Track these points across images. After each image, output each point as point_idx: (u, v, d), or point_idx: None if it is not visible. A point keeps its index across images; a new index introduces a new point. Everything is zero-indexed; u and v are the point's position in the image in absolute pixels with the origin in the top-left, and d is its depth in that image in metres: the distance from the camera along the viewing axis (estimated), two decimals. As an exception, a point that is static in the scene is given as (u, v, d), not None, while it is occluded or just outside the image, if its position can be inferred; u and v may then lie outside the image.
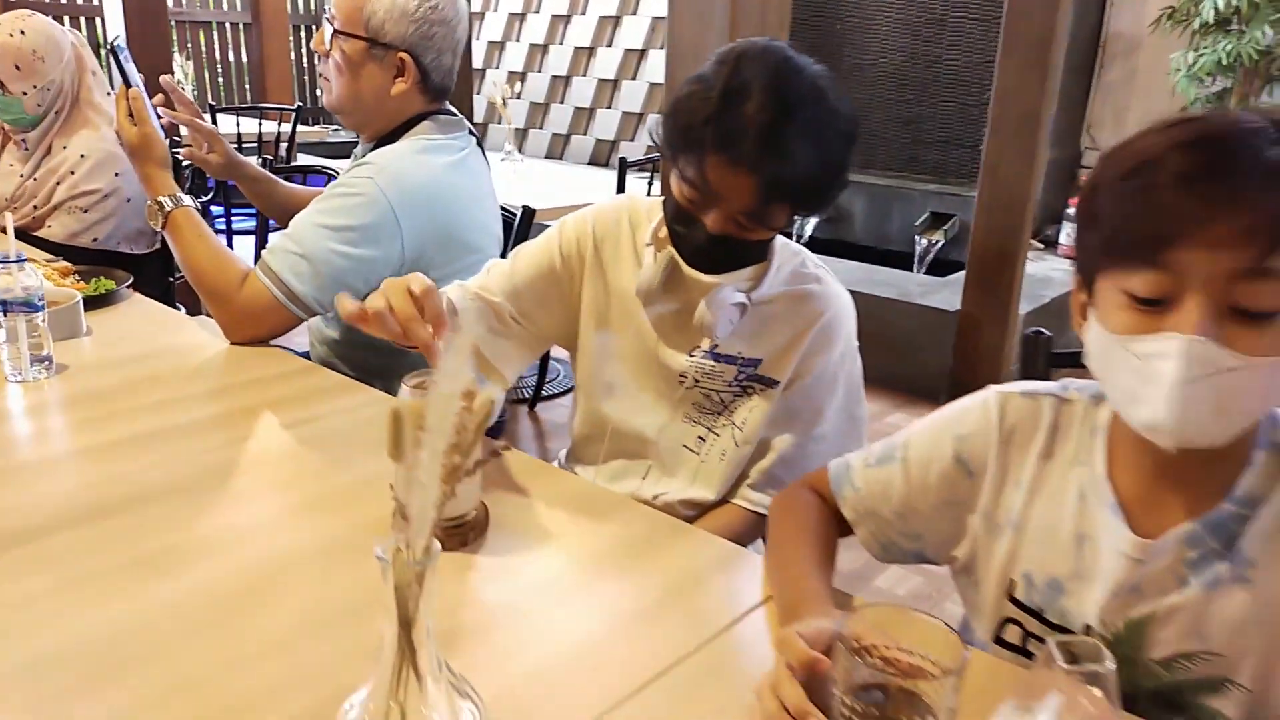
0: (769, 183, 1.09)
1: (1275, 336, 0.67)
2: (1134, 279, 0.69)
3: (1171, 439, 0.71)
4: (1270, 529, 0.75)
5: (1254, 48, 3.66)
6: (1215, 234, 0.65)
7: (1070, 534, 0.83)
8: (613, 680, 0.78)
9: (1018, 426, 0.87)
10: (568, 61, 6.32)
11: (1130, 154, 0.70)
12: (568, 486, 1.14)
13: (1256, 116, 0.68)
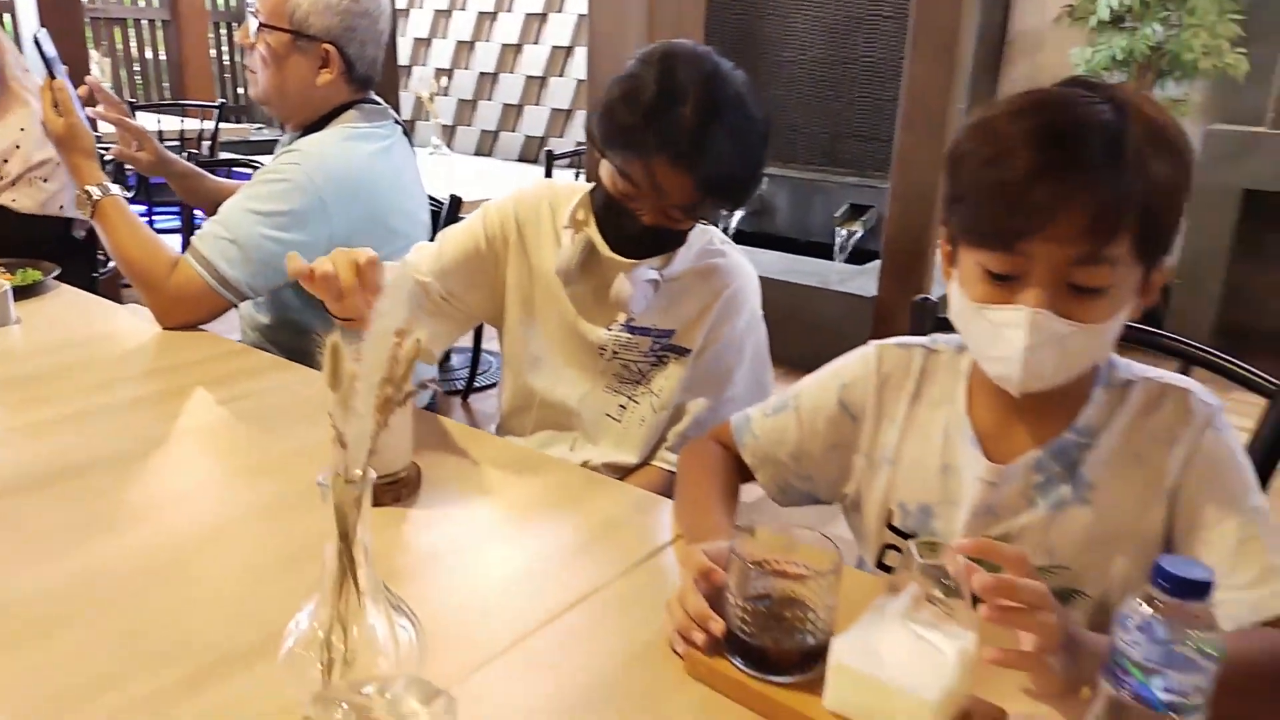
0: (704, 181, 1.19)
1: (1105, 306, 0.79)
2: (990, 259, 0.80)
3: (1018, 389, 0.83)
4: (1106, 456, 0.87)
5: (1146, 43, 3.89)
6: (1059, 229, 0.76)
7: (937, 465, 0.94)
8: (538, 606, 0.86)
9: (892, 373, 0.98)
10: (495, 58, 6.34)
11: (989, 137, 0.80)
12: (496, 449, 1.21)
13: (1100, 101, 0.78)
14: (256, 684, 0.73)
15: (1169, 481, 0.85)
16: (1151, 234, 0.78)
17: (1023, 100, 0.81)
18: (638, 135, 1.18)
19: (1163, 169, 0.76)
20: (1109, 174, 0.75)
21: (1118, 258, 0.77)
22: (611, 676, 0.77)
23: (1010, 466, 0.89)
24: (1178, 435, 0.85)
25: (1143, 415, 0.87)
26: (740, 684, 0.73)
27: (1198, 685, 0.60)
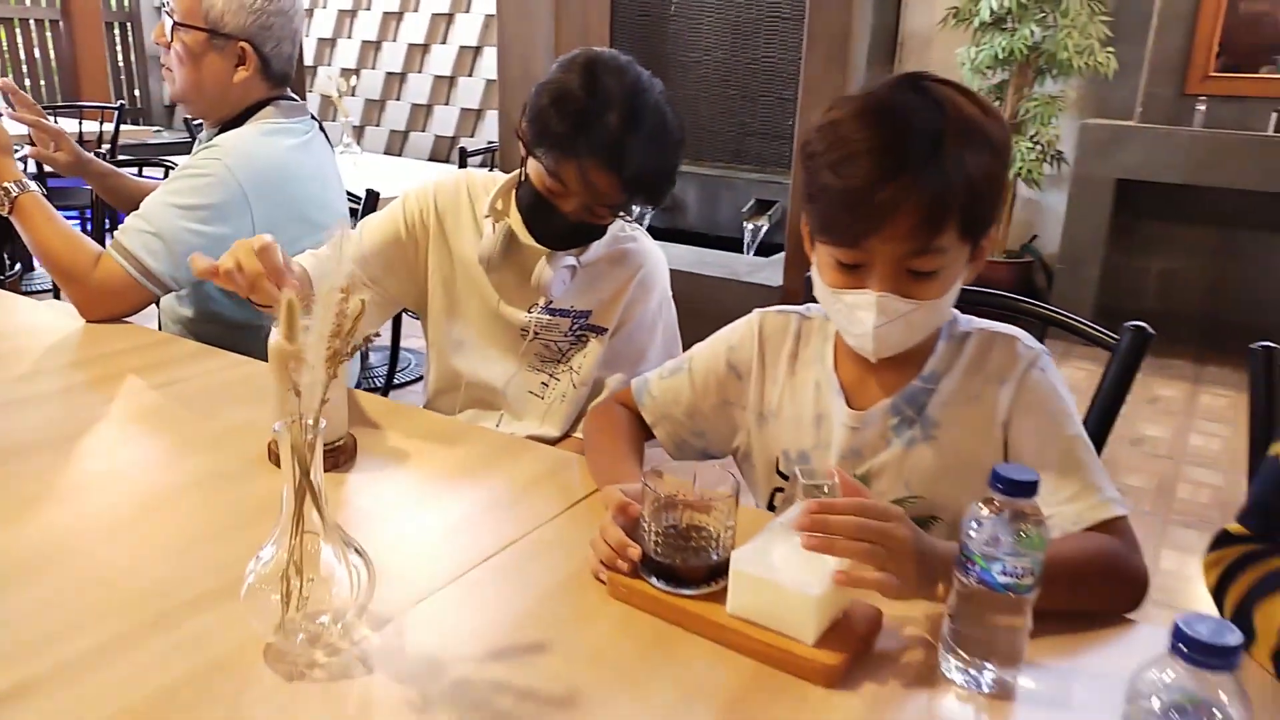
0: (628, 181, 1.30)
1: (938, 284, 0.93)
2: (839, 253, 0.93)
3: (874, 357, 0.97)
4: (948, 398, 1.01)
5: (1024, 44, 4.14)
6: (895, 229, 0.89)
7: (811, 415, 1.07)
8: (472, 549, 0.94)
9: (772, 337, 1.11)
10: (402, 58, 6.33)
11: (835, 142, 0.90)
12: (425, 421, 1.29)
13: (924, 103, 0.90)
14: (222, 620, 0.80)
15: (1000, 416, 0.98)
16: (974, 218, 0.91)
17: (862, 104, 0.91)
18: (569, 141, 1.28)
19: (979, 161, 0.89)
20: (932, 178, 0.87)
21: (946, 245, 0.90)
22: (542, 603, 0.87)
23: (869, 412, 1.02)
24: (1006, 376, 0.99)
25: (977, 361, 1.01)
26: (656, 599, 0.84)
27: (1029, 568, 0.73)
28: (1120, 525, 0.91)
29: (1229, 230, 4.33)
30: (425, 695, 0.73)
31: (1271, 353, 1.14)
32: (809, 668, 0.76)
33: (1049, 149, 4.28)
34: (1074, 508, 0.92)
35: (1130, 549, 0.89)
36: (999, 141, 0.91)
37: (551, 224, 1.37)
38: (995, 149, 0.91)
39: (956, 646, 0.76)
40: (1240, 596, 0.83)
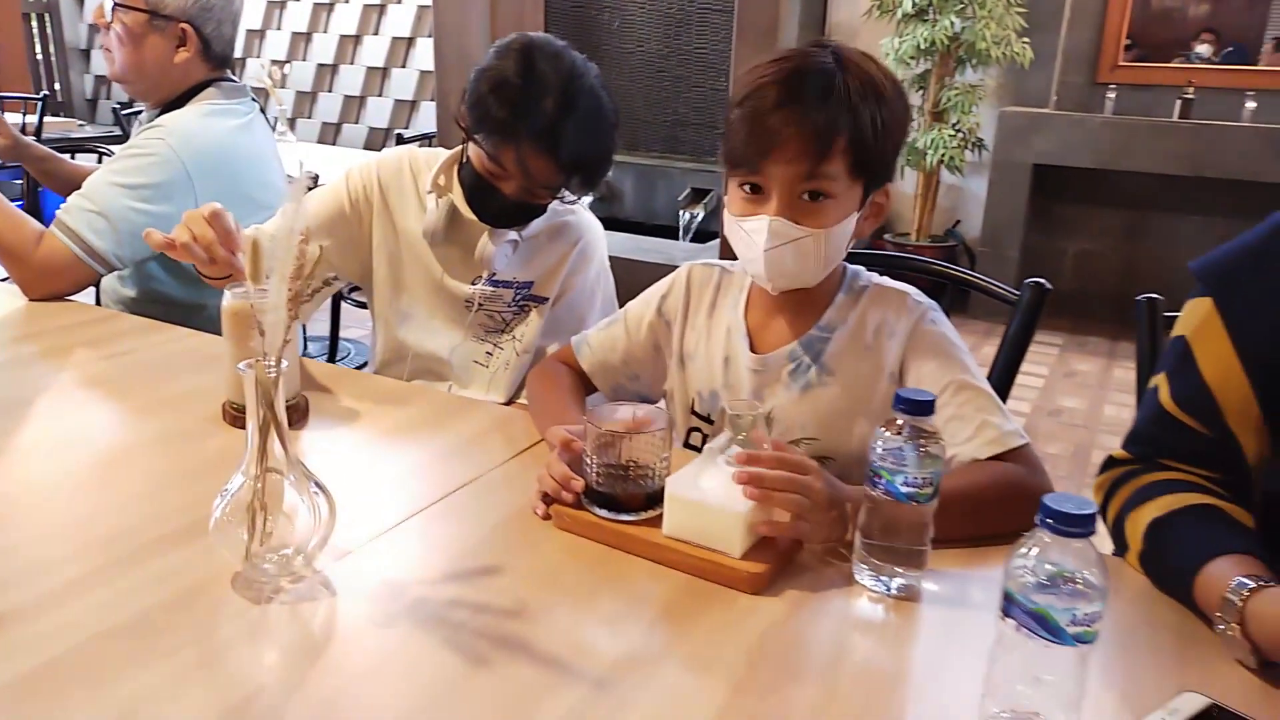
0: (565, 164, 1.37)
1: (828, 213, 1.01)
2: (743, 180, 1.02)
3: (769, 284, 1.06)
4: (842, 346, 1.10)
5: (945, 34, 4.30)
6: (787, 150, 0.98)
7: (721, 358, 1.16)
8: (425, 492, 1.01)
9: (696, 287, 1.20)
10: (333, 50, 6.28)
11: (746, 82, 1.01)
12: (373, 384, 1.35)
13: (827, 55, 1.00)
14: (190, 556, 0.85)
15: (891, 366, 1.08)
16: (862, 159, 1.00)
17: (776, 54, 1.03)
18: (507, 126, 1.33)
19: (869, 109, 0.98)
20: (821, 110, 0.97)
21: (835, 174, 0.99)
22: (492, 535, 0.94)
23: (769, 356, 1.12)
24: (897, 328, 1.08)
25: (871, 312, 1.10)
26: (598, 526, 0.91)
27: (928, 479, 0.82)
28: (1020, 453, 0.99)
29: (1139, 212, 4.56)
30: (387, 612, 0.80)
31: (1154, 303, 1.26)
32: (736, 576, 0.84)
33: (970, 136, 4.45)
34: (973, 445, 1.00)
35: (1031, 471, 0.98)
36: (891, 101, 1.01)
37: (492, 204, 1.44)
38: (887, 106, 1.00)
39: (868, 555, 0.85)
40: (1117, 510, 0.93)
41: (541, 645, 0.76)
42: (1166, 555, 0.86)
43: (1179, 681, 0.71)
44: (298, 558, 0.83)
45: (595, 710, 0.69)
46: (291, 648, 0.76)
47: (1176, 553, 0.84)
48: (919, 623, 0.82)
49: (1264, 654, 0.74)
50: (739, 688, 0.71)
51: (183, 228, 1.18)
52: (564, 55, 1.38)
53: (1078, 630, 0.62)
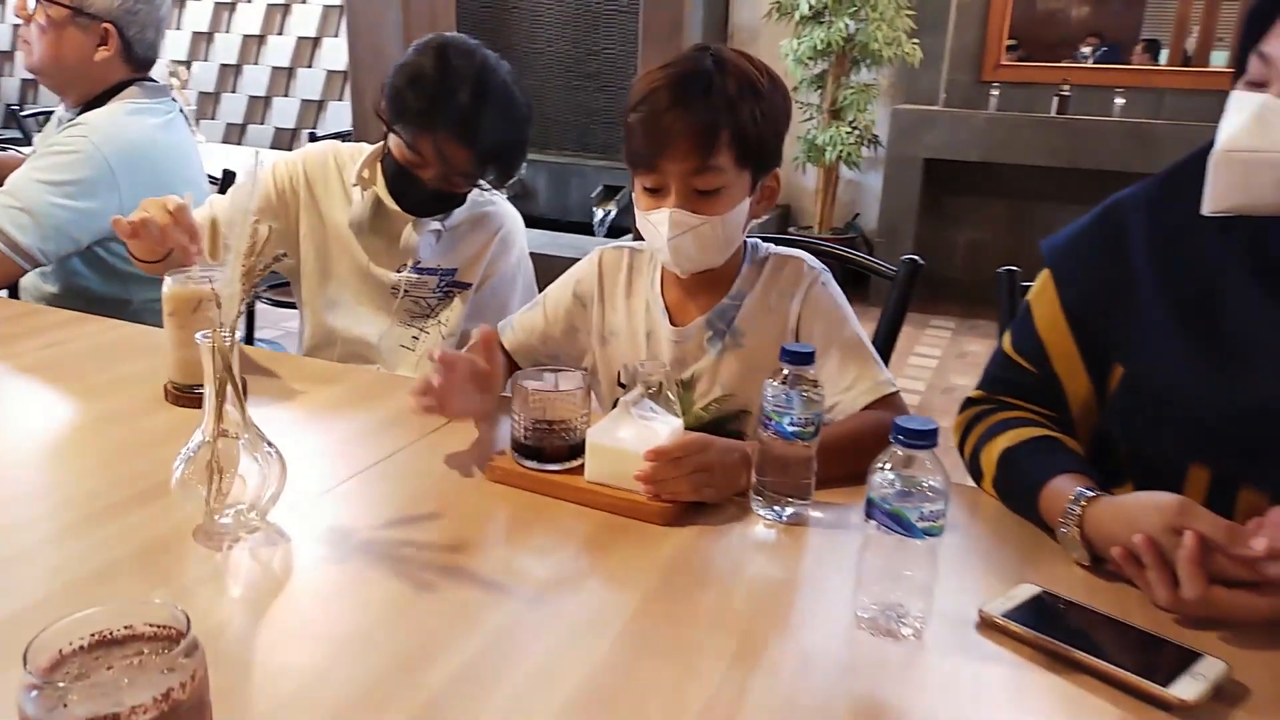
0: (480, 153, 1.47)
1: (721, 202, 1.14)
2: (644, 178, 1.15)
3: (678, 269, 1.19)
4: (750, 311, 1.23)
5: (840, 36, 4.52)
6: (678, 150, 1.10)
7: (643, 333, 1.28)
8: (366, 455, 1.10)
9: (609, 269, 1.32)
10: (237, 49, 6.20)
11: (639, 89, 1.14)
12: (305, 366, 1.42)
13: (708, 59, 1.13)
14: (151, 515, 0.93)
15: (791, 323, 1.22)
16: (745, 149, 1.12)
17: (664, 63, 1.15)
18: (424, 116, 1.44)
19: (748, 105, 1.11)
20: (704, 110, 1.10)
21: (723, 165, 1.12)
22: (432, 489, 1.04)
23: (688, 328, 1.24)
24: (795, 290, 1.22)
25: (772, 277, 1.24)
26: (527, 476, 1.02)
27: (811, 419, 0.95)
28: (893, 400, 1.15)
29: (1022, 202, 4.87)
30: (339, 552, 0.89)
31: (1012, 274, 1.43)
32: (649, 511, 0.96)
33: (865, 133, 4.69)
34: (852, 394, 1.15)
35: (898, 414, 1.12)
36: (768, 95, 1.14)
37: (413, 193, 1.53)
38: (764, 100, 1.13)
39: (762, 489, 0.98)
40: (973, 445, 1.08)
41: (480, 572, 0.87)
42: (1016, 478, 1.01)
43: (1018, 578, 0.86)
44: (252, 511, 0.92)
45: (529, 619, 0.80)
46: (255, 584, 0.85)
47: (1024, 474, 0.99)
48: (805, 543, 0.95)
49: (1096, 551, 0.89)
50: (651, 597, 0.83)
51: (141, 211, 1.26)
52: (477, 52, 1.48)
53: (926, 525, 0.75)
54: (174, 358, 1.20)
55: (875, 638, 0.79)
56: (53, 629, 0.49)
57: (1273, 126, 0.86)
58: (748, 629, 0.79)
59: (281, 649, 0.75)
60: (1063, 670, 0.75)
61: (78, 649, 0.50)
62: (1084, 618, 0.80)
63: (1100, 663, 0.73)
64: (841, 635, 0.80)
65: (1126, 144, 4.30)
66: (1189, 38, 4.59)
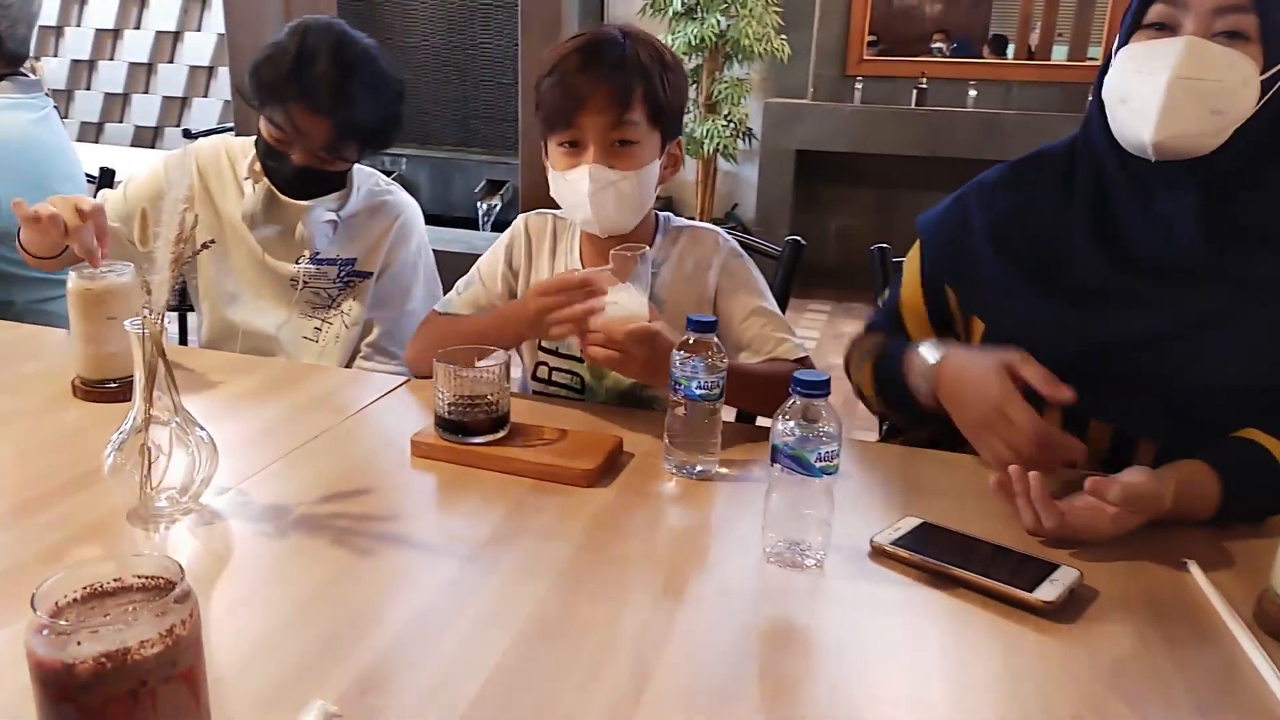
0: (340, 125, 1.48)
1: (637, 156, 1.22)
2: (562, 136, 1.22)
3: (598, 228, 1.26)
4: (668, 280, 1.32)
5: (712, 32, 4.67)
6: (596, 104, 1.19)
7: None
8: (291, 437, 1.13)
9: (535, 234, 1.39)
10: (90, 44, 5.91)
11: (551, 57, 1.22)
12: (213, 358, 1.42)
13: (616, 30, 1.22)
14: (82, 502, 0.94)
15: (710, 293, 1.32)
16: (656, 109, 1.22)
17: (575, 34, 1.24)
18: (279, 88, 1.45)
19: (655, 70, 1.21)
20: (619, 70, 1.19)
21: (638, 121, 1.21)
22: (359, 467, 1.08)
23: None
24: (711, 261, 1.32)
25: (689, 248, 1.34)
26: (452, 449, 1.07)
27: (716, 383, 1.04)
28: (803, 362, 1.27)
29: (888, 190, 5.14)
30: (277, 527, 0.93)
31: (884, 251, 1.57)
32: (572, 474, 1.03)
33: (740, 126, 4.85)
34: (761, 355, 1.27)
35: None
36: (674, 68, 1.24)
37: (285, 173, 1.54)
38: (671, 70, 1.23)
39: (673, 449, 1.07)
40: (856, 370, 1.25)
41: (416, 538, 0.92)
42: (885, 370, 1.17)
43: (903, 513, 0.97)
44: (185, 494, 0.94)
45: (467, 575, 0.86)
46: (199, 561, 0.88)
47: (889, 361, 1.16)
48: (715, 495, 1.04)
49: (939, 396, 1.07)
50: (580, 547, 0.91)
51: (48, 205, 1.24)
52: (335, 26, 1.51)
53: (823, 465, 0.85)
54: (82, 353, 1.20)
55: (783, 569, 0.88)
56: (49, 582, 0.52)
57: (1209, 63, 0.95)
58: (670, 569, 0.88)
59: (232, 618, 0.79)
60: (945, 586, 0.86)
61: (72, 600, 0.54)
62: (960, 542, 0.92)
63: (976, 577, 0.85)
64: (753, 569, 0.89)
65: (979, 133, 4.60)
66: (1031, 33, 4.94)
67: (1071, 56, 4.85)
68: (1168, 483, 0.95)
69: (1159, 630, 0.80)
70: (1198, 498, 0.96)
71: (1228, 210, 1.01)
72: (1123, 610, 0.83)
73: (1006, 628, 0.80)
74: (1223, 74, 0.95)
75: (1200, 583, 0.88)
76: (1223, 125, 0.97)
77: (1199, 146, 0.99)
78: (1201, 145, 0.99)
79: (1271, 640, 0.79)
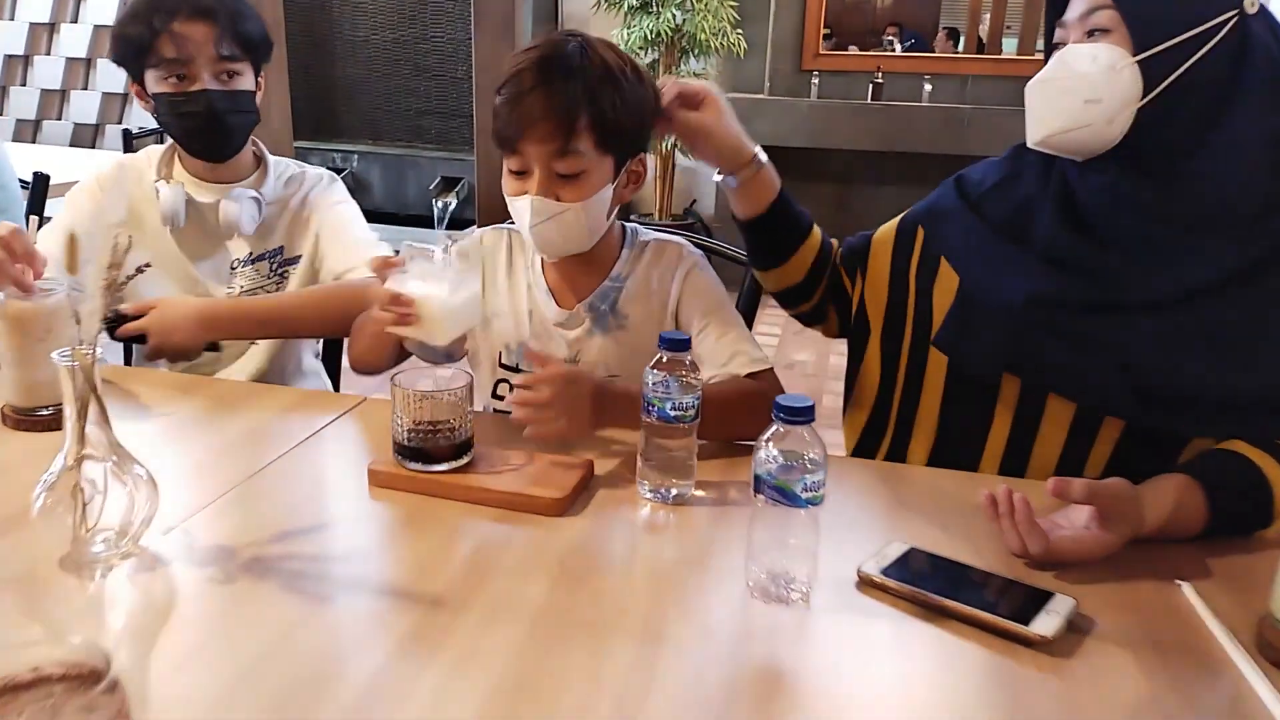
0: (225, 24, 1.41)
1: (583, 187, 1.15)
2: (509, 160, 1.16)
3: (546, 255, 1.24)
4: (632, 293, 1.27)
5: (668, 26, 4.61)
6: (539, 133, 1.12)
7: (525, 311, 1.29)
8: (239, 468, 1.06)
9: (490, 251, 1.33)
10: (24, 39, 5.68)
11: (506, 70, 1.15)
12: (154, 376, 1.34)
13: (574, 44, 1.14)
14: (14, 544, 0.87)
15: (671, 305, 1.26)
16: (605, 134, 1.13)
17: (534, 42, 1.17)
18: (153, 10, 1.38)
19: (607, 92, 1.13)
20: (562, 92, 1.11)
21: (583, 150, 1.13)
22: (314, 498, 1.02)
23: (573, 312, 1.26)
24: (675, 273, 1.27)
25: (653, 261, 1.28)
26: (412, 478, 1.01)
27: (690, 404, 0.99)
28: (764, 375, 1.20)
29: (845, 186, 5.13)
30: (225, 572, 0.86)
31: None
32: (540, 503, 0.98)
33: (699, 120, 4.80)
34: (729, 368, 1.20)
35: (772, 389, 1.19)
36: (629, 83, 1.15)
37: (192, 123, 1.44)
38: (625, 87, 1.14)
39: (647, 472, 1.02)
40: None
41: (376, 580, 0.86)
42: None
43: (887, 537, 0.93)
44: (124, 537, 0.87)
45: (436, 620, 0.80)
46: (138, 613, 0.81)
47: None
48: (692, 520, 0.99)
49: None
50: (554, 586, 0.85)
51: None
52: None
53: (809, 495, 0.81)
54: (13, 380, 1.11)
55: (768, 605, 0.84)
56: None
57: (1068, 63, 1.05)
58: (650, 607, 0.83)
59: (177, 680, 0.72)
60: (937, 619, 0.82)
61: (-17, 697, 0.47)
62: (950, 569, 0.88)
63: (970, 609, 0.81)
64: (737, 604, 0.84)
65: (936, 127, 4.60)
66: (981, 25, 4.96)
67: (1021, 49, 4.88)
68: (1147, 495, 0.93)
69: (1160, 662, 0.77)
70: (1183, 514, 0.94)
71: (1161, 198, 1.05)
72: (1120, 641, 0.80)
73: (1003, 664, 0.77)
74: (1086, 66, 1.03)
75: (1195, 606, 0.85)
76: (1110, 111, 1.03)
77: (1094, 137, 1.05)
78: (1097, 135, 1.05)
79: (1275, 669, 0.77)
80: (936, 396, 1.21)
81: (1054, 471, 1.13)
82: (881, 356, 1.30)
